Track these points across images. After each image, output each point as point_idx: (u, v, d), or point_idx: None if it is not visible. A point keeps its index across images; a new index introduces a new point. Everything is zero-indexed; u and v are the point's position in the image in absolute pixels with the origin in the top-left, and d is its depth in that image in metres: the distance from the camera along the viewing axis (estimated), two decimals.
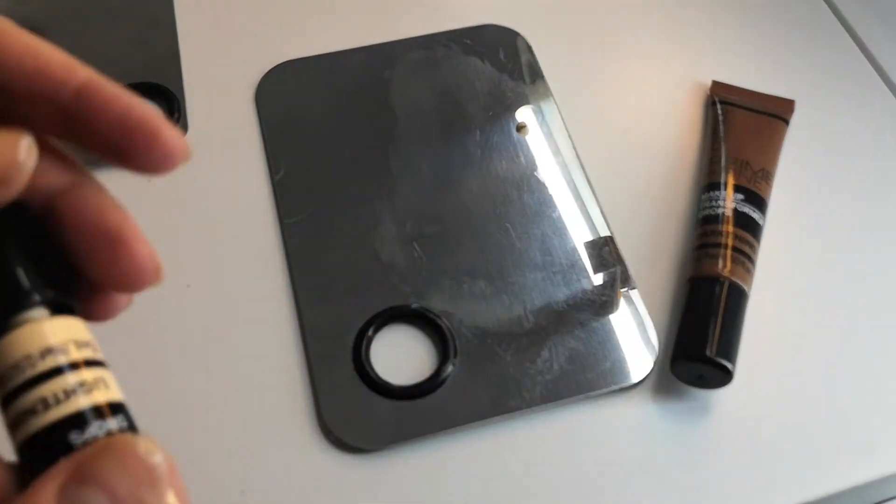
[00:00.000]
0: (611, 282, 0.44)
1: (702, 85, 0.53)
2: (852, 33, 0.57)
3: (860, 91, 0.54)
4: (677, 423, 0.41)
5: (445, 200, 0.47)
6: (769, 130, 0.50)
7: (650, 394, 0.42)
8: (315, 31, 0.54)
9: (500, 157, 0.49)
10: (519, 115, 0.50)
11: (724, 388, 0.41)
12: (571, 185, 0.48)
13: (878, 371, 0.43)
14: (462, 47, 0.53)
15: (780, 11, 0.58)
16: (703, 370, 0.40)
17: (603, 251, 0.45)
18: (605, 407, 0.41)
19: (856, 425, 0.41)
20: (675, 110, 0.52)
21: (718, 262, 0.43)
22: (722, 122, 0.50)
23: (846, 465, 0.40)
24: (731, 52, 0.55)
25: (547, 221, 0.46)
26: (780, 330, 0.44)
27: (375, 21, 0.55)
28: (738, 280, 0.42)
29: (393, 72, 0.52)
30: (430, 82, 0.52)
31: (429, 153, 0.49)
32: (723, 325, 0.41)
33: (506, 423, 0.40)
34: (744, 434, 0.41)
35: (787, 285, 0.46)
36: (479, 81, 0.52)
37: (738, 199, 0.45)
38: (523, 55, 0.53)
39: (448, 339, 0.42)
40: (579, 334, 0.42)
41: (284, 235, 0.45)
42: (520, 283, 0.44)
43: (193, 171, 0.48)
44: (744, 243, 0.44)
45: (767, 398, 0.42)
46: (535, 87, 0.52)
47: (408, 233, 0.46)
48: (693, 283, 0.43)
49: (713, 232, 0.44)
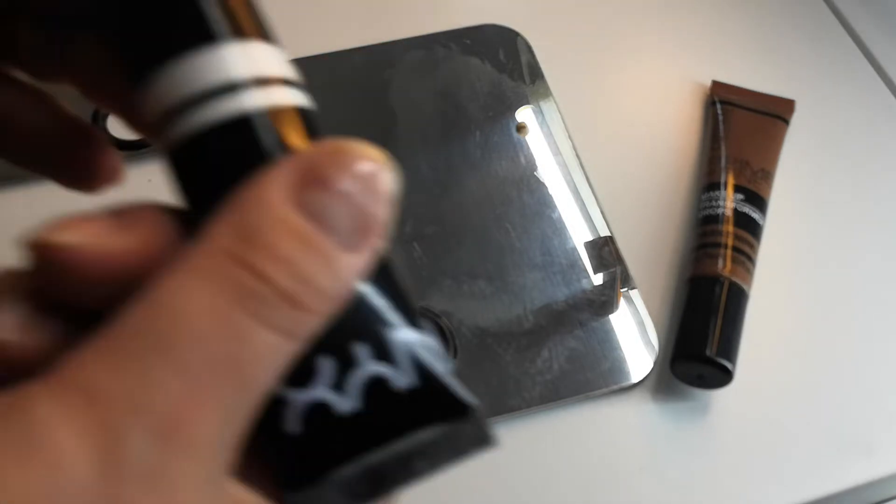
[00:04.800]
0: (611, 282, 0.44)
1: (702, 85, 0.53)
2: (852, 33, 0.57)
3: (860, 91, 0.54)
4: (677, 423, 0.41)
5: (445, 200, 0.47)
6: (769, 130, 0.50)
7: (650, 394, 0.42)
8: (315, 31, 0.54)
9: (500, 157, 0.49)
10: (519, 116, 0.50)
11: (724, 388, 0.41)
12: (571, 185, 0.48)
13: (878, 371, 0.43)
14: (462, 47, 0.53)
15: (780, 12, 0.58)
16: (703, 370, 0.40)
17: (603, 251, 0.45)
18: (604, 407, 0.41)
19: (856, 425, 0.41)
20: (675, 110, 0.52)
21: (718, 262, 0.43)
22: (722, 122, 0.50)
23: (846, 465, 0.40)
24: (731, 52, 0.55)
25: (547, 221, 0.46)
26: (780, 330, 0.44)
27: (375, 21, 0.55)
28: (738, 280, 0.42)
29: (393, 72, 0.52)
30: (429, 82, 0.52)
31: (429, 153, 0.49)
32: (723, 325, 0.41)
33: (506, 422, 0.40)
34: (744, 434, 0.41)
35: (787, 285, 0.46)
36: (479, 82, 0.52)
37: (738, 199, 0.45)
38: (523, 55, 0.53)
39: (448, 339, 0.42)
40: (579, 334, 0.42)
41: None
42: (519, 283, 0.44)
43: None
44: (744, 243, 0.44)
45: (767, 398, 0.42)
46: (535, 87, 0.52)
47: (408, 233, 0.46)
48: (693, 283, 0.43)
49: (713, 232, 0.44)
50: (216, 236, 0.15)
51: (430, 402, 0.17)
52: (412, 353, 0.17)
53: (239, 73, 0.17)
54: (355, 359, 0.17)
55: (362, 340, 0.17)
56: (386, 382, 0.17)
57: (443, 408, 0.18)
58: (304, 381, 0.16)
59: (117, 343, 0.14)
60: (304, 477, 0.16)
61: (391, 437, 0.17)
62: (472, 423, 0.18)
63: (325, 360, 0.17)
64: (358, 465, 0.17)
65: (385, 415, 0.17)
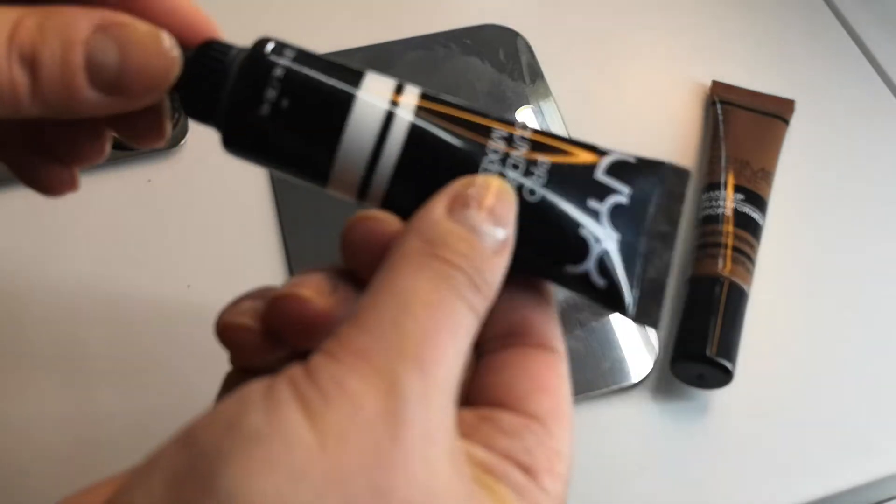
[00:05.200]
0: None
1: (702, 85, 0.53)
2: (852, 33, 0.57)
3: (860, 91, 0.54)
4: (677, 423, 0.41)
5: None
6: (769, 130, 0.50)
7: (650, 394, 0.42)
8: (315, 31, 0.54)
9: None
10: (519, 116, 0.50)
11: (724, 388, 0.41)
12: None
13: (878, 371, 0.43)
14: (462, 47, 0.53)
15: (780, 11, 0.58)
16: (703, 370, 0.40)
17: None
18: (605, 407, 0.41)
19: (856, 425, 0.41)
20: (675, 110, 0.52)
21: (718, 262, 0.43)
22: (722, 122, 0.50)
23: (846, 465, 0.40)
24: (731, 52, 0.55)
25: None
26: (780, 330, 0.44)
27: (375, 21, 0.55)
28: (738, 280, 0.42)
29: (393, 72, 0.52)
30: (429, 82, 0.52)
31: None
32: (723, 325, 0.41)
33: None
34: (744, 434, 0.41)
35: (787, 285, 0.46)
36: (479, 81, 0.52)
37: (738, 199, 0.45)
38: (523, 55, 0.53)
39: None
40: (579, 334, 0.42)
41: (284, 235, 0.45)
42: None
43: (194, 172, 0.48)
44: (744, 243, 0.44)
45: (767, 398, 0.42)
46: (535, 87, 0.52)
47: None
48: (693, 283, 0.43)
49: (713, 232, 0.44)
50: (406, 242, 0.21)
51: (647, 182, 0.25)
52: (610, 173, 0.25)
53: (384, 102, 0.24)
54: (592, 214, 0.24)
55: (584, 200, 0.24)
56: (615, 202, 0.24)
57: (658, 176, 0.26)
58: (585, 253, 0.23)
59: (364, 318, 0.19)
60: (630, 298, 0.24)
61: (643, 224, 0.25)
62: (668, 166, 0.26)
63: (581, 231, 0.23)
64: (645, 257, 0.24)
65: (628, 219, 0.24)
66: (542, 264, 0.24)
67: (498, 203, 0.22)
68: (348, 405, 0.17)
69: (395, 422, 0.18)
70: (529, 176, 0.23)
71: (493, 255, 0.21)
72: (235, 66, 0.23)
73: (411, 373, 0.18)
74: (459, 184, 0.22)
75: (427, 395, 0.18)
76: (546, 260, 0.24)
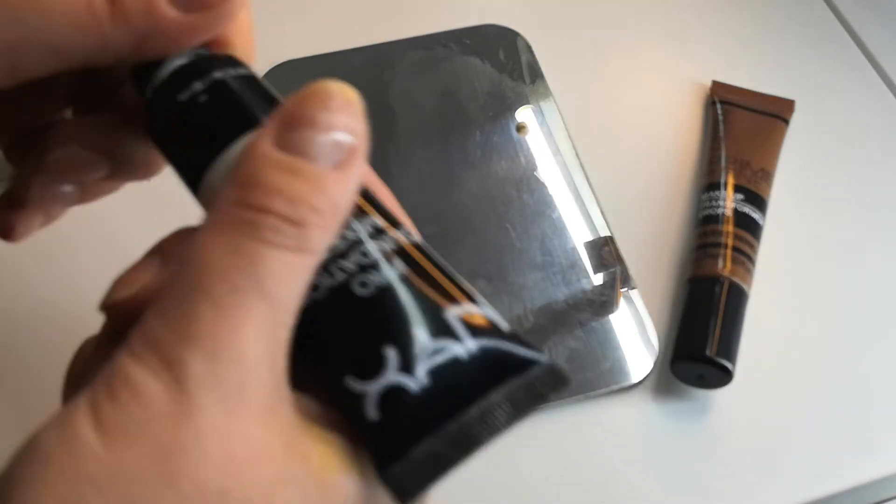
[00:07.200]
0: (611, 282, 0.44)
1: (702, 85, 0.53)
2: (852, 33, 0.57)
3: (860, 91, 0.54)
4: (677, 423, 0.41)
5: (445, 200, 0.47)
6: (769, 130, 0.50)
7: (650, 394, 0.42)
8: (315, 31, 0.54)
9: (500, 157, 0.49)
10: (519, 116, 0.50)
11: (724, 388, 0.41)
12: (571, 185, 0.48)
13: (878, 371, 0.43)
14: (462, 47, 0.53)
15: (780, 12, 0.58)
16: (703, 370, 0.40)
17: (603, 251, 0.45)
18: (605, 407, 0.41)
19: (856, 425, 0.41)
20: (675, 110, 0.52)
21: (718, 262, 0.43)
22: (722, 122, 0.50)
23: (846, 465, 0.40)
24: (731, 52, 0.55)
25: (547, 221, 0.46)
26: (780, 330, 0.44)
27: (375, 21, 0.55)
28: (738, 280, 0.42)
29: (393, 72, 0.52)
30: (429, 82, 0.52)
31: (429, 153, 0.49)
32: (723, 325, 0.41)
33: None
34: (744, 434, 0.41)
35: (787, 285, 0.46)
36: (479, 81, 0.52)
37: (738, 199, 0.45)
38: (523, 55, 0.53)
39: None
40: (579, 334, 0.42)
41: None
42: (520, 282, 0.44)
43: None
44: (744, 243, 0.44)
45: (767, 398, 0.42)
46: (535, 87, 0.52)
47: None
48: (693, 283, 0.43)
49: (713, 232, 0.44)
50: (222, 194, 0.19)
51: (495, 365, 0.19)
52: (467, 324, 0.20)
53: None
54: (416, 341, 0.19)
55: (420, 324, 0.19)
56: (449, 356, 0.19)
57: (508, 367, 0.19)
58: (375, 372, 0.19)
59: (164, 301, 0.18)
60: (393, 456, 0.19)
61: (464, 405, 0.19)
62: (540, 369, 0.20)
63: (389, 349, 0.19)
64: (438, 437, 0.18)
65: (455, 386, 0.19)
66: (324, 363, 0.20)
67: (337, 109, 0.19)
68: (134, 401, 0.17)
69: (181, 410, 0.17)
70: (370, 272, 0.20)
71: (333, 171, 0.19)
72: (200, 61, 0.23)
73: (196, 357, 0.17)
74: (288, 103, 0.19)
75: (216, 374, 0.17)
76: (329, 359, 0.20)
